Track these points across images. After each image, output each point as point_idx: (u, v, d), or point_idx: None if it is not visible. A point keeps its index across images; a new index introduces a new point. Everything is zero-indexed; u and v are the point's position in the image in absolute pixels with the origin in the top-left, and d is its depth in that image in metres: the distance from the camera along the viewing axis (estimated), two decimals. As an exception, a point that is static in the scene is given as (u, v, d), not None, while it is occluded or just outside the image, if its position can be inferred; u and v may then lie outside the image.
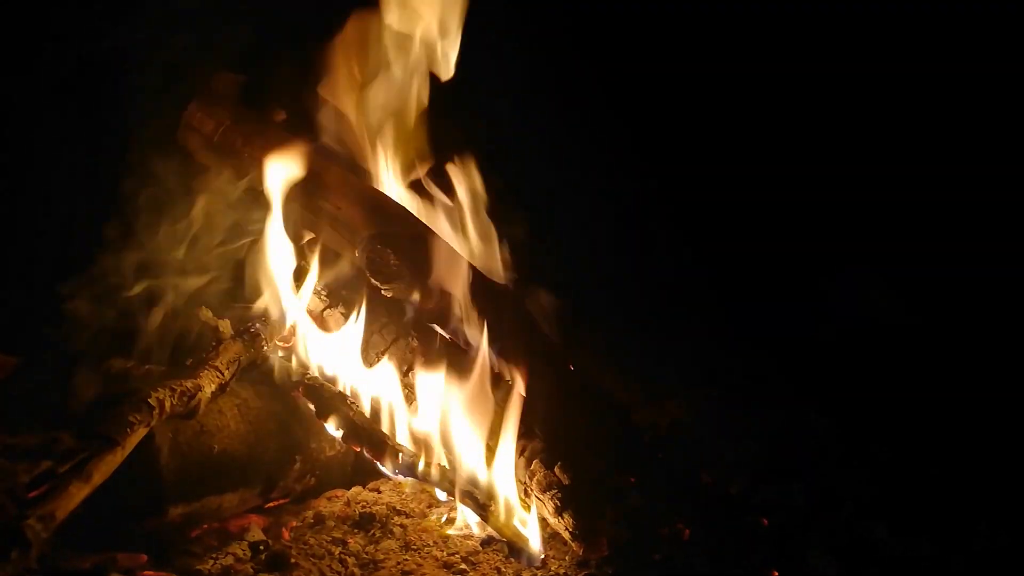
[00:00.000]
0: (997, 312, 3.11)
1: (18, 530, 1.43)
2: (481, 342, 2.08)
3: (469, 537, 1.99)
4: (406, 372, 2.14)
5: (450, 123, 2.51)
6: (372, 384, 2.14)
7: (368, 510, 2.05)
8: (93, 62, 2.71)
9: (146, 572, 1.74)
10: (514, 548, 1.89)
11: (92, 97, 2.74)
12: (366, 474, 2.21)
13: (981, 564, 1.94)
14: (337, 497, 2.15)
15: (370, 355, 2.16)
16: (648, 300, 3.40)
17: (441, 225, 2.36)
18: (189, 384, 1.86)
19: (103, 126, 2.64)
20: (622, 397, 2.78)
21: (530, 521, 1.92)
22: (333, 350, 2.18)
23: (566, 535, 1.87)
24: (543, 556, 1.90)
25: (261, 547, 1.89)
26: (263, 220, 2.25)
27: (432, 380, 2.08)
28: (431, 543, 1.97)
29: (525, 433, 1.98)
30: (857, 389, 2.84)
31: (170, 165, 2.34)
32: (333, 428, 2.02)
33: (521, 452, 1.94)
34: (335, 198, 2.22)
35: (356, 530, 2.00)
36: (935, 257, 3.23)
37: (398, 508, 2.08)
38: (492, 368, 2.08)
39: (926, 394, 2.73)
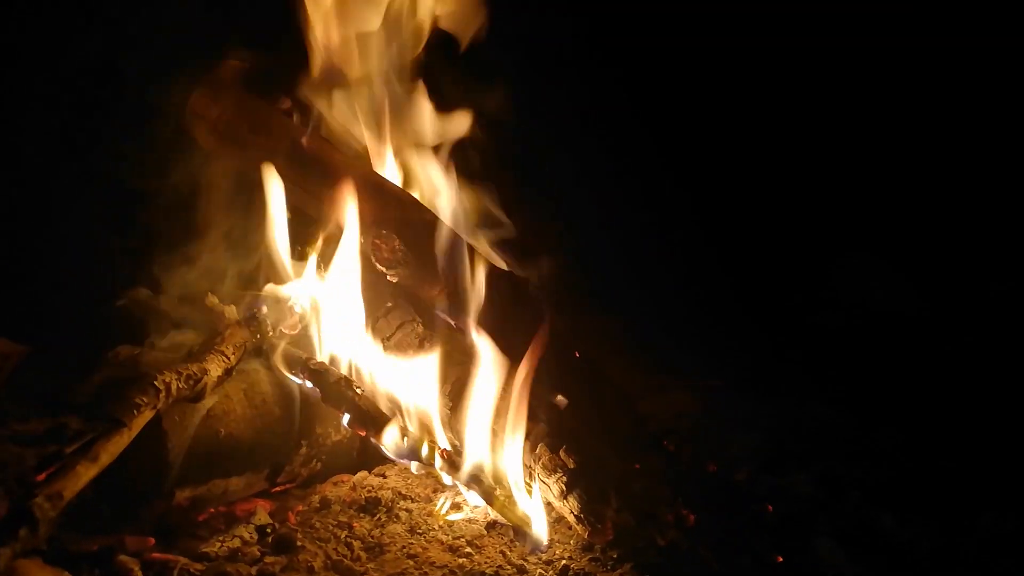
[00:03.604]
0: (1003, 301, 3.10)
1: (26, 509, 1.44)
2: (486, 328, 2.08)
3: (474, 521, 1.99)
4: (411, 357, 2.14)
5: (464, 111, 2.51)
6: (377, 369, 2.14)
7: (374, 494, 2.05)
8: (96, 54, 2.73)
9: (153, 555, 1.75)
10: (520, 532, 1.90)
11: (97, 87, 2.75)
12: (372, 459, 2.22)
13: (986, 551, 1.93)
14: (343, 482, 2.16)
15: (376, 340, 2.16)
16: (655, 290, 3.40)
17: (446, 211, 2.36)
18: (195, 368, 1.87)
19: (109, 116, 2.65)
20: (628, 385, 2.78)
21: (535, 505, 1.92)
22: (338, 335, 2.18)
23: (571, 519, 1.87)
24: (548, 540, 1.90)
25: (268, 530, 1.89)
26: (268, 206, 2.26)
27: (437, 365, 2.08)
28: (436, 527, 1.97)
29: (530, 417, 1.97)
30: (863, 377, 2.84)
31: (176, 152, 2.35)
32: (339, 413, 2.03)
33: (526, 436, 1.94)
34: (340, 184, 2.22)
35: (362, 514, 2.01)
36: (941, 244, 3.22)
37: (404, 493, 2.08)
38: (497, 353, 2.08)
39: (932, 381, 2.73)
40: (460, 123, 2.43)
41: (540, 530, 1.89)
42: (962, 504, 2.11)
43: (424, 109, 2.40)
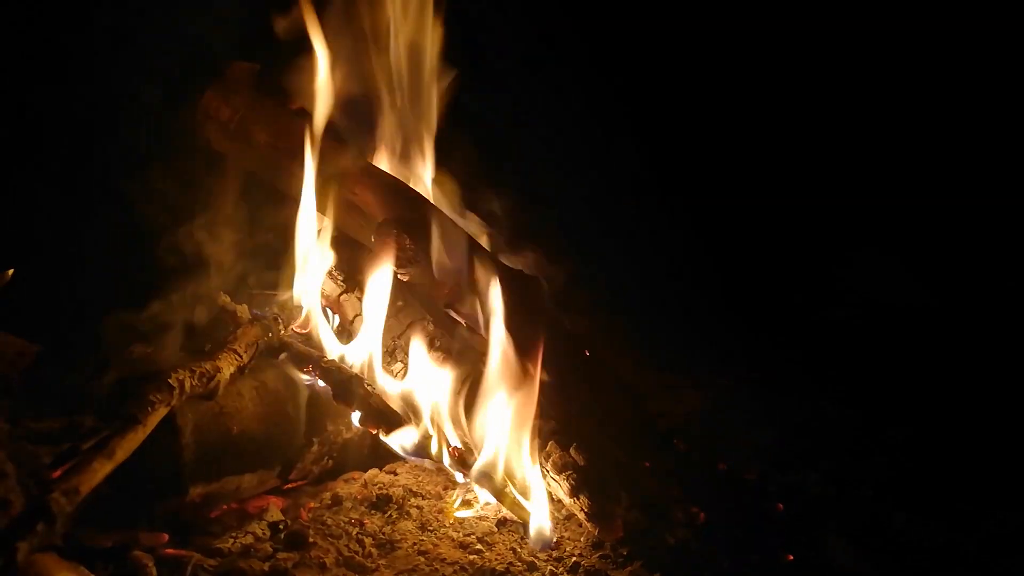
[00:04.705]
0: (1014, 296, 3.09)
1: (43, 503, 1.46)
2: (497, 326, 2.09)
3: (485, 518, 2.00)
4: (422, 356, 2.15)
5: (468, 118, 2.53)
6: (388, 367, 2.15)
7: (385, 491, 2.06)
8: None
9: (167, 550, 1.76)
10: (531, 529, 1.91)
11: (110, 91, 2.77)
12: (383, 457, 2.23)
13: (986, 551, 1.94)
14: (354, 479, 2.17)
15: (386, 339, 2.17)
16: (665, 290, 3.41)
17: (457, 211, 2.38)
18: (208, 366, 1.89)
19: (124, 117, 2.67)
20: (638, 385, 2.79)
21: (545, 503, 1.93)
22: (349, 334, 2.19)
23: (581, 516, 1.88)
24: (557, 538, 1.91)
25: (280, 526, 1.91)
26: (278, 207, 2.27)
27: (447, 363, 2.09)
28: (447, 524, 1.98)
29: (540, 415, 1.98)
30: (871, 374, 2.84)
31: (190, 151, 2.37)
32: (350, 410, 2.04)
33: (537, 434, 1.95)
34: (351, 183, 2.24)
35: (373, 511, 2.02)
36: (951, 239, 3.22)
37: (415, 490, 2.09)
38: (507, 351, 2.09)
39: (939, 378, 2.73)
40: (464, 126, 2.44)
41: (550, 528, 1.90)
42: (968, 504, 2.11)
43: (428, 110, 2.42)
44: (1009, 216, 3.25)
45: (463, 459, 1.98)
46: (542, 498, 1.93)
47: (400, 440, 2.01)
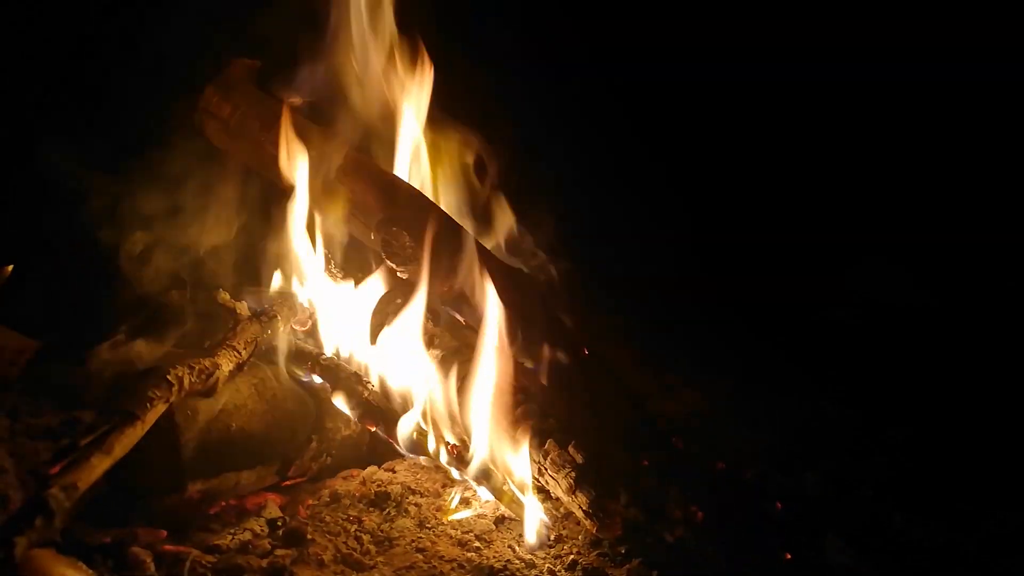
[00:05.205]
0: (1014, 296, 3.09)
1: (41, 499, 1.46)
2: (497, 325, 2.09)
3: (483, 516, 2.00)
4: (421, 353, 2.15)
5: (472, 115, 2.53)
6: (387, 364, 2.15)
7: (383, 489, 2.06)
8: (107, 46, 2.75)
9: (165, 547, 1.76)
10: (529, 527, 1.91)
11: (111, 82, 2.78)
12: (381, 454, 2.23)
13: (986, 551, 1.93)
14: (352, 476, 2.17)
15: (385, 336, 2.17)
16: (666, 290, 3.40)
17: (456, 209, 2.38)
18: (207, 362, 1.89)
19: (125, 113, 2.67)
20: (637, 384, 2.79)
21: (542, 501, 1.93)
22: (348, 331, 2.19)
23: (579, 513, 1.87)
24: (555, 535, 1.91)
25: (278, 523, 1.91)
26: (278, 203, 2.28)
27: (446, 361, 2.09)
28: (445, 521, 1.98)
29: (539, 413, 1.98)
30: (871, 374, 2.84)
31: (189, 149, 2.37)
32: (348, 408, 2.04)
33: (535, 432, 1.95)
34: (351, 181, 2.24)
35: (371, 508, 2.01)
36: (953, 240, 3.22)
37: (413, 487, 2.09)
38: (507, 350, 2.09)
39: (940, 378, 2.73)
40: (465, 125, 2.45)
41: (548, 525, 1.90)
42: (968, 504, 2.11)
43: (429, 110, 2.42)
44: (1009, 216, 3.25)
45: (461, 456, 1.98)
46: (540, 496, 1.93)
47: (399, 437, 2.01)
